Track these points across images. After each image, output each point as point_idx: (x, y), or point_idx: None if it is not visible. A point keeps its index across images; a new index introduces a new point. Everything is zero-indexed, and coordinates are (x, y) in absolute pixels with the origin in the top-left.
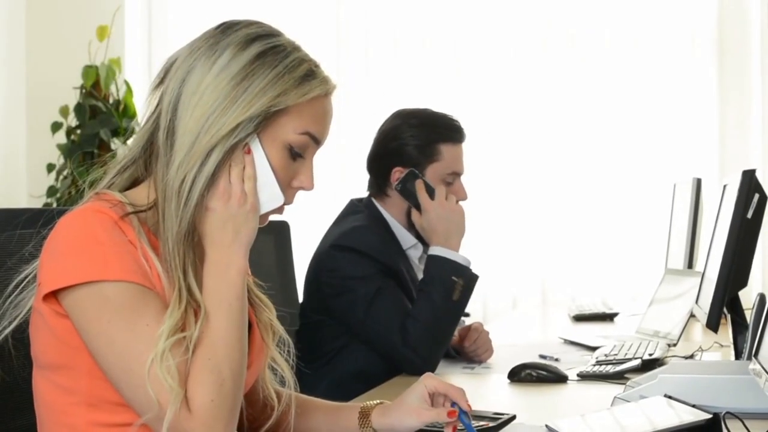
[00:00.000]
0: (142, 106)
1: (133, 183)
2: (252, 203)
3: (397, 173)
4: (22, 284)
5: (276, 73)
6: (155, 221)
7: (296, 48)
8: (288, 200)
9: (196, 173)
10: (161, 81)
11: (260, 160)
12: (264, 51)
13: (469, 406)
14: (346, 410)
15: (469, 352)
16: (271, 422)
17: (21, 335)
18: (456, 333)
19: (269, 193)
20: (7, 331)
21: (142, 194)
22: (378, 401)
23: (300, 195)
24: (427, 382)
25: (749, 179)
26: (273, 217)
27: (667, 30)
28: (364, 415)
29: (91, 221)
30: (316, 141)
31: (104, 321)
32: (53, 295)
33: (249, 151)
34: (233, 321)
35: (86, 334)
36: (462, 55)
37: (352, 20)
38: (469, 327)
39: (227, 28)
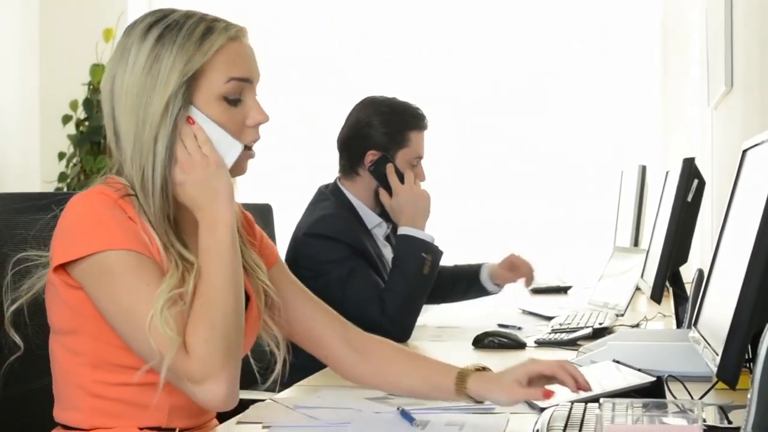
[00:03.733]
0: None
1: None
2: (215, 161)
3: (371, 156)
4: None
5: (178, 45)
6: None
7: (189, 15)
8: (252, 138)
9: (153, 162)
10: (102, 107)
11: (205, 123)
12: (161, 33)
13: (579, 385)
14: (444, 371)
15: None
16: (278, 370)
17: (35, 308)
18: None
19: (226, 146)
20: (21, 300)
21: None
22: (474, 366)
23: (284, 184)
24: (530, 367)
25: (689, 166)
26: (258, 199)
27: (613, 32)
28: (461, 380)
29: (93, 201)
30: (247, 80)
31: (109, 285)
32: (63, 268)
33: (192, 121)
34: (224, 269)
35: (96, 299)
36: (423, 49)
37: (341, 20)
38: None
39: (128, 30)
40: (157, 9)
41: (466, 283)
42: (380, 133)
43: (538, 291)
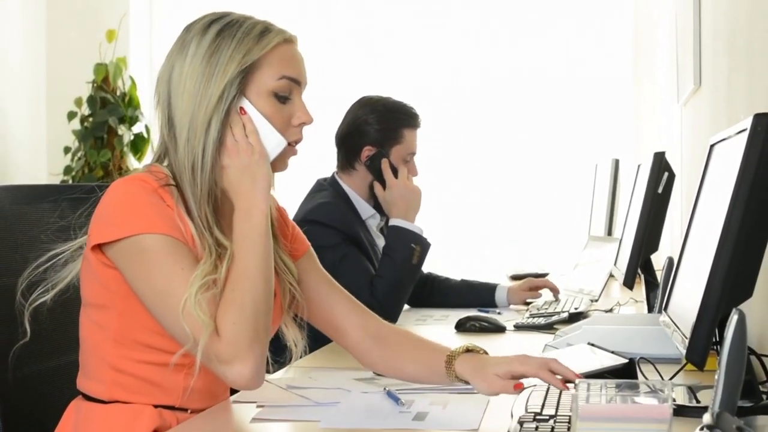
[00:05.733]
0: (148, 99)
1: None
2: (260, 151)
3: (367, 151)
4: (56, 259)
5: (237, 39)
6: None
7: (248, 17)
8: (295, 138)
9: (204, 143)
10: (157, 98)
11: (254, 115)
12: (222, 28)
13: (567, 380)
14: (437, 353)
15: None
16: (292, 362)
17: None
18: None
19: (272, 139)
20: (48, 296)
21: None
22: (464, 347)
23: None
24: (516, 367)
25: (660, 160)
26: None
27: (589, 35)
28: (450, 361)
29: (134, 186)
30: (297, 82)
31: (144, 268)
32: (99, 248)
33: (243, 112)
34: (255, 255)
35: (131, 280)
36: (409, 48)
37: (333, 19)
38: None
39: (188, 27)
40: (216, 11)
41: (475, 298)
42: (376, 130)
43: (517, 278)
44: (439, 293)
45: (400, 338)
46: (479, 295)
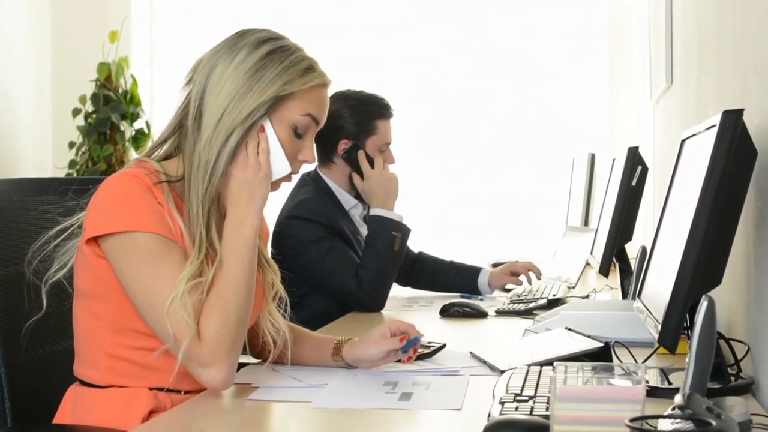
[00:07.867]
0: (148, 97)
1: (167, 157)
2: (265, 171)
3: (343, 145)
4: (66, 233)
5: (283, 66)
6: (182, 189)
7: (299, 48)
8: (294, 170)
9: (221, 148)
10: (189, 79)
11: (271, 137)
12: (273, 49)
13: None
14: (326, 342)
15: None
16: (273, 357)
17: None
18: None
19: (279, 164)
20: (61, 273)
21: (173, 166)
22: (349, 337)
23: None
24: (389, 323)
25: (633, 154)
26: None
27: (566, 36)
28: (337, 348)
29: (128, 183)
30: (316, 122)
31: (134, 263)
32: (94, 240)
33: (263, 130)
34: (243, 268)
35: (120, 274)
36: (389, 43)
37: (310, 17)
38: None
39: (243, 33)
40: (272, 30)
41: (461, 281)
42: (350, 124)
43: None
44: (427, 274)
45: (297, 335)
46: (464, 278)
